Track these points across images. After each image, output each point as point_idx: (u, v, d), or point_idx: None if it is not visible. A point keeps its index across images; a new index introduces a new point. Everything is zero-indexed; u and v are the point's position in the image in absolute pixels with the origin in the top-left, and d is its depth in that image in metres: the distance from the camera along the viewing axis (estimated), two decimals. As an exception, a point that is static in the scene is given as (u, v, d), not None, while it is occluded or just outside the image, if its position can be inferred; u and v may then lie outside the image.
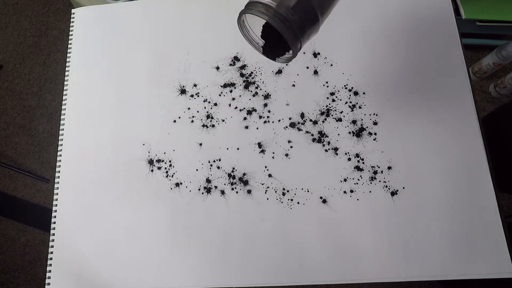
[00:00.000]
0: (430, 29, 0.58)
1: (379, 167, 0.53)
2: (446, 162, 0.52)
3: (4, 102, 1.41)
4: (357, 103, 0.56)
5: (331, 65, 0.58)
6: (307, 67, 0.58)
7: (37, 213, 1.30)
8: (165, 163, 0.56)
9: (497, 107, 1.20)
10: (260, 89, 0.58)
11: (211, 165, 0.55)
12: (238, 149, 0.55)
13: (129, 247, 0.53)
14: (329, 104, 0.56)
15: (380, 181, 0.52)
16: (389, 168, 0.52)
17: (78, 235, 0.54)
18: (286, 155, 0.54)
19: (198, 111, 0.58)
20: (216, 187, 0.54)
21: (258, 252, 0.51)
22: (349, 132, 0.54)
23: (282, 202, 0.52)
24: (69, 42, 0.64)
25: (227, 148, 0.55)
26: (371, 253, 0.49)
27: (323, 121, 0.55)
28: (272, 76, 0.58)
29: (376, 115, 0.55)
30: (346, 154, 0.53)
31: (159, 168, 0.56)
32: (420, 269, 0.48)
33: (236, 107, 0.57)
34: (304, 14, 0.33)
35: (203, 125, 0.57)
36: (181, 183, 0.55)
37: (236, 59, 0.60)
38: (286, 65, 0.57)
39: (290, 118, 0.56)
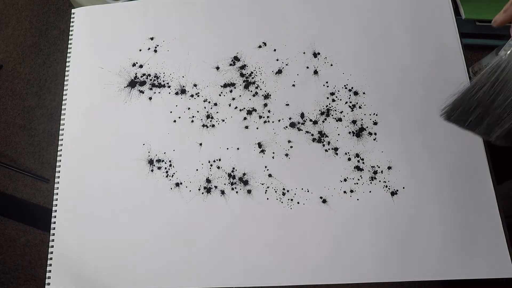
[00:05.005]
0: (430, 29, 0.58)
1: (379, 167, 0.53)
2: (446, 162, 0.52)
3: (4, 102, 1.41)
4: (357, 103, 0.56)
5: (331, 65, 0.58)
6: (307, 67, 0.58)
7: (37, 213, 1.30)
8: (165, 163, 0.56)
9: None
10: (260, 89, 0.58)
11: (211, 165, 0.55)
12: (238, 149, 0.55)
13: (129, 247, 0.53)
14: (329, 104, 0.56)
15: (380, 181, 0.52)
16: (389, 168, 0.52)
17: (78, 235, 0.54)
18: (286, 155, 0.54)
19: (198, 111, 0.58)
20: (216, 187, 0.54)
21: (258, 252, 0.51)
22: (349, 132, 0.54)
23: (282, 202, 0.52)
24: (69, 42, 0.64)
25: (227, 148, 0.55)
26: (371, 253, 0.49)
27: (323, 121, 0.55)
28: (272, 76, 0.58)
29: (376, 115, 0.55)
30: (346, 154, 0.53)
31: (159, 168, 0.56)
32: (420, 269, 0.48)
33: (236, 107, 0.57)
34: None
35: (203, 125, 0.57)
36: (181, 183, 0.55)
37: (236, 59, 0.60)
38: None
39: (290, 118, 0.56)
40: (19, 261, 1.25)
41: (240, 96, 0.58)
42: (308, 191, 0.52)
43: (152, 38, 0.62)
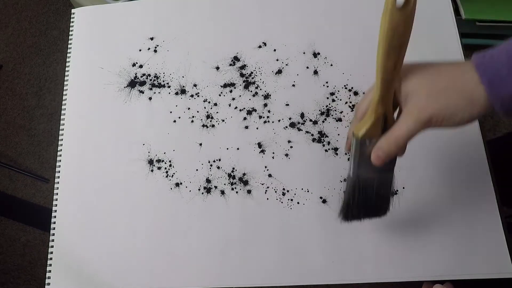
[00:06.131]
0: (430, 29, 0.58)
1: (379, 167, 0.52)
2: (446, 162, 0.52)
3: (4, 102, 1.41)
4: (357, 103, 0.55)
5: (331, 65, 0.58)
6: (307, 67, 0.58)
7: (37, 213, 1.30)
8: (165, 163, 0.56)
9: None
10: (260, 89, 0.58)
11: (211, 165, 0.55)
12: (238, 149, 0.55)
13: (129, 247, 0.53)
14: (329, 104, 0.56)
15: (380, 181, 0.52)
16: (389, 168, 0.52)
17: (78, 235, 0.54)
18: (286, 155, 0.54)
19: (198, 111, 0.58)
20: (216, 187, 0.54)
21: (258, 252, 0.51)
22: (349, 132, 0.54)
23: (282, 202, 0.52)
24: (69, 42, 0.64)
25: (227, 148, 0.55)
26: (371, 253, 0.49)
27: (323, 121, 0.55)
28: (272, 76, 0.58)
29: (376, 115, 0.55)
30: (346, 154, 0.53)
31: (159, 168, 0.56)
32: (420, 269, 0.48)
33: (236, 107, 0.57)
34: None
35: (203, 125, 0.57)
36: (181, 183, 0.55)
37: (236, 59, 0.60)
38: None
39: (290, 118, 0.56)
40: (19, 261, 1.25)
41: (240, 96, 0.58)
42: (308, 191, 0.52)
43: (152, 38, 0.62)
